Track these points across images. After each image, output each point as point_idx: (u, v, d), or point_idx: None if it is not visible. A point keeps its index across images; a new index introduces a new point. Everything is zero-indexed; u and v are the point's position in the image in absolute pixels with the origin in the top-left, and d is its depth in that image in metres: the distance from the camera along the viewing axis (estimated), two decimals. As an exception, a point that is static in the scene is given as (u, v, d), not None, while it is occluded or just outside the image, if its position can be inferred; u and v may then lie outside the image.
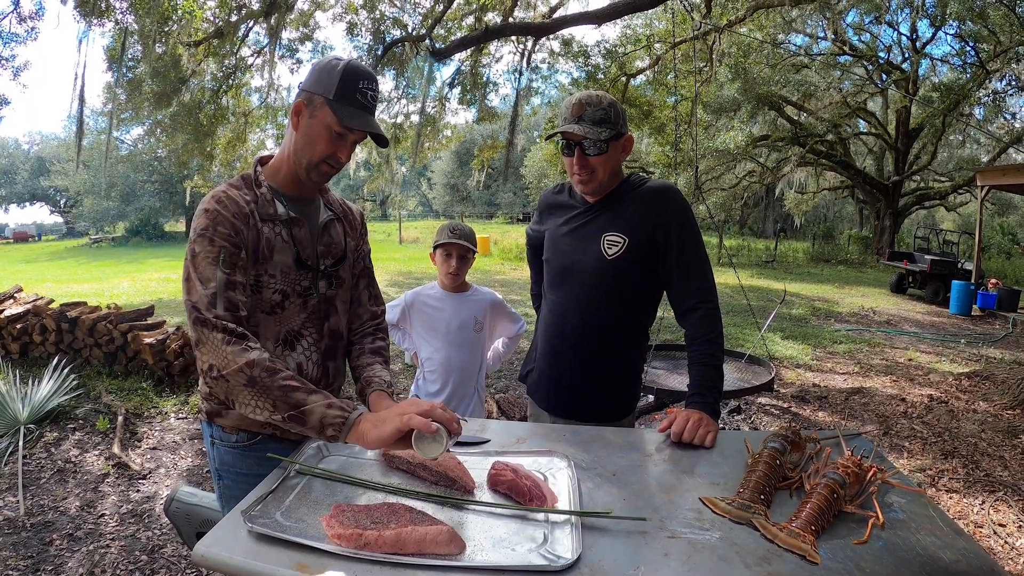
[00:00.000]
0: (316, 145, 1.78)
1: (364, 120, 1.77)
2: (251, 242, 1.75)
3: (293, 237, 1.84)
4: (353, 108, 1.75)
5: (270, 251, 1.79)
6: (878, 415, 6.03)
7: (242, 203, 1.75)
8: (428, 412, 1.49)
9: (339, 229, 2.01)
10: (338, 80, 1.73)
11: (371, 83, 1.79)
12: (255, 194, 1.81)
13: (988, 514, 4.08)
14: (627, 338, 2.36)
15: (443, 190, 64.31)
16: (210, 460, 1.95)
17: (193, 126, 12.63)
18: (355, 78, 1.75)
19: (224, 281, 1.66)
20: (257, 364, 1.55)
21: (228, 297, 1.65)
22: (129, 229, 42.62)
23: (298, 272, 1.85)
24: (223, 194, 1.75)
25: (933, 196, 25.93)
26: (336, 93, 1.73)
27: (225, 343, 1.58)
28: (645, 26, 16.82)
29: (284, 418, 1.55)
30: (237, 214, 1.72)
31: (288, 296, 1.84)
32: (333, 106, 1.73)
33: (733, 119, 22.67)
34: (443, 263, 3.15)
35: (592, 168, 2.19)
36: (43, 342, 6.72)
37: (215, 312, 1.62)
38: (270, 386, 1.54)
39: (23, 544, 3.52)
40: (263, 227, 1.78)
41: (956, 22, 18.75)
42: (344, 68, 1.74)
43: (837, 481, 1.45)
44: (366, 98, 1.78)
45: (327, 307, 1.95)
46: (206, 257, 1.66)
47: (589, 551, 1.26)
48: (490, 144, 17.18)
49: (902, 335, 10.48)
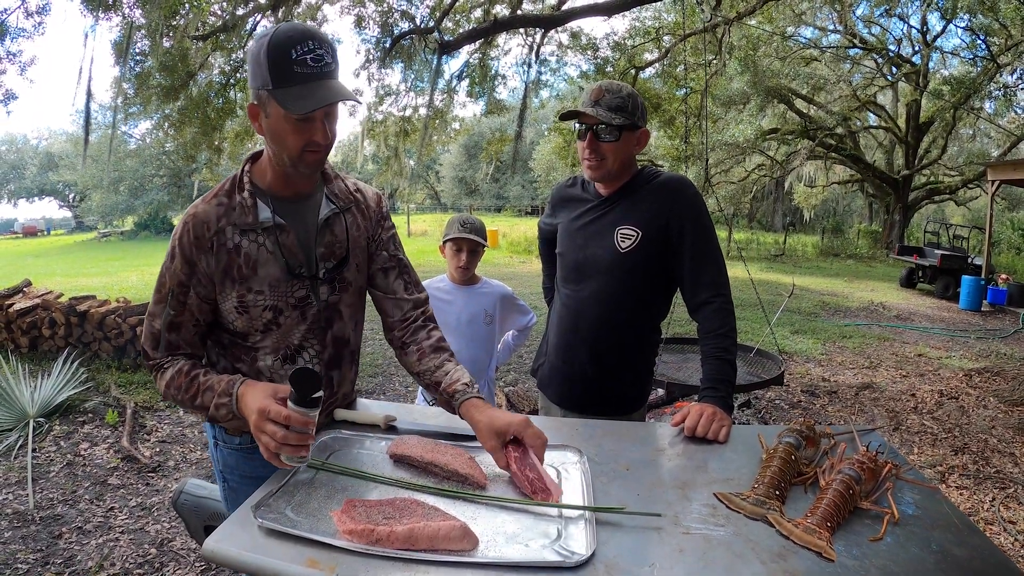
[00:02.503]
0: (286, 140, 1.58)
1: (316, 95, 1.50)
2: (221, 265, 1.64)
3: (280, 245, 1.68)
4: (297, 86, 1.50)
5: (252, 267, 1.66)
6: (888, 410, 6.00)
7: (212, 221, 1.64)
8: (268, 444, 1.45)
9: (343, 224, 1.81)
10: (267, 63, 1.49)
11: (305, 44, 1.49)
12: (233, 202, 1.67)
13: (999, 511, 4.06)
14: (639, 332, 2.35)
15: (451, 183, 64.25)
16: (214, 462, 1.91)
17: (201, 120, 12.64)
18: (285, 51, 1.48)
19: (168, 323, 1.68)
20: (170, 384, 1.66)
21: (169, 340, 1.69)
22: (138, 223, 42.76)
23: (290, 283, 1.71)
24: (191, 214, 1.65)
25: (943, 190, 25.80)
26: (273, 79, 1.50)
27: (156, 378, 1.70)
28: (654, 18, 16.76)
29: (208, 418, 1.70)
30: (199, 239, 1.63)
31: (281, 311, 1.71)
32: (276, 95, 1.50)
33: (742, 112, 22.57)
34: (453, 257, 3.13)
35: (603, 154, 2.18)
36: (52, 336, 6.75)
37: (155, 354, 1.70)
38: (183, 400, 1.66)
39: (33, 537, 3.53)
40: (242, 240, 1.65)
41: (967, 15, 18.57)
42: (268, 46, 1.49)
43: (852, 477, 1.43)
44: (306, 66, 1.49)
45: (330, 314, 1.81)
46: (159, 291, 1.68)
47: (603, 547, 1.25)
48: (499, 137, 17.19)
49: (912, 330, 10.44)
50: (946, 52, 22.97)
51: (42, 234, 52.92)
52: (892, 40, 23.43)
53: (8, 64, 10.77)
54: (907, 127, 24.30)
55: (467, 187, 63.32)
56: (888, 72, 24.05)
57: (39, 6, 10.42)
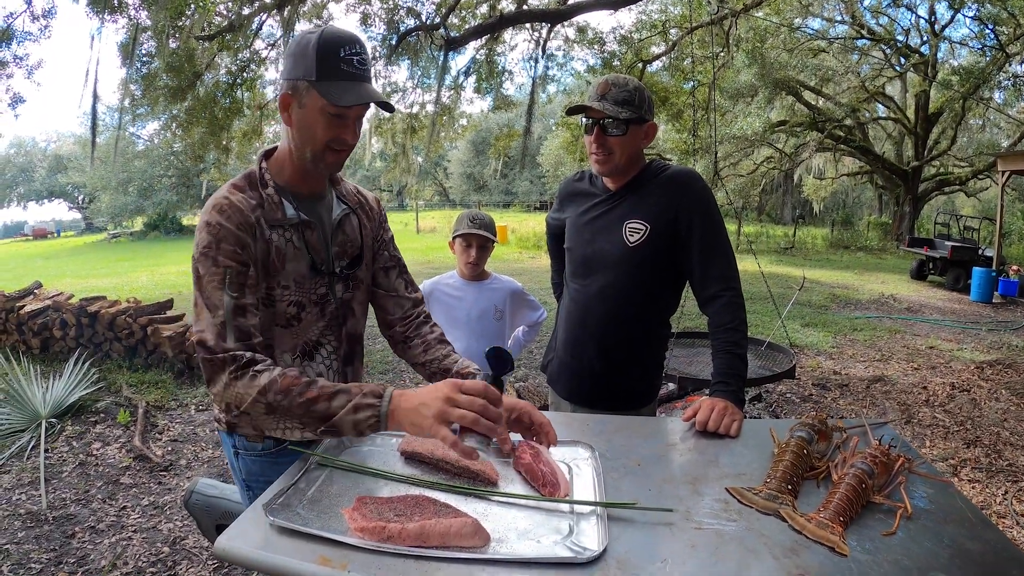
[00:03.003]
0: (315, 133, 1.61)
1: (358, 91, 1.57)
2: (260, 255, 1.63)
3: (306, 242, 1.71)
4: (342, 82, 1.56)
5: (282, 261, 1.67)
6: (899, 403, 5.98)
7: (247, 211, 1.62)
8: (463, 416, 1.38)
9: (354, 223, 1.87)
10: (315, 57, 1.54)
11: (353, 47, 1.57)
12: (261, 197, 1.67)
13: (1011, 504, 4.04)
14: (648, 326, 2.35)
15: (460, 179, 64.36)
16: (234, 472, 1.87)
17: (208, 120, 12.68)
18: (334, 48, 1.54)
19: (232, 307, 1.54)
20: (269, 389, 1.45)
21: (238, 325, 1.53)
22: (147, 224, 42.85)
23: (313, 279, 1.74)
24: (225, 202, 1.60)
25: (953, 181, 25.64)
26: (318, 72, 1.54)
27: (235, 378, 1.48)
28: (661, 11, 16.72)
29: (317, 432, 1.47)
30: (242, 224, 1.59)
31: (304, 307, 1.73)
32: (319, 87, 1.54)
33: (750, 104, 22.51)
34: (463, 253, 3.14)
35: (610, 148, 2.18)
36: (63, 337, 6.78)
37: (224, 346, 1.50)
38: (290, 407, 1.45)
39: (46, 537, 3.55)
40: (272, 235, 1.66)
41: (975, 4, 18.49)
42: (318, 42, 1.54)
43: (865, 471, 1.42)
44: (352, 65, 1.57)
45: (345, 311, 1.85)
46: (211, 280, 1.54)
47: (615, 543, 1.25)
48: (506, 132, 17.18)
49: (923, 322, 10.39)
50: (955, 42, 22.81)
51: (52, 236, 53.23)
52: (900, 30, 23.33)
53: (15, 67, 10.84)
54: (916, 118, 24.17)
55: (475, 183, 63.40)
56: (896, 63, 23.94)
57: (45, 9, 10.47)
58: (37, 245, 42.02)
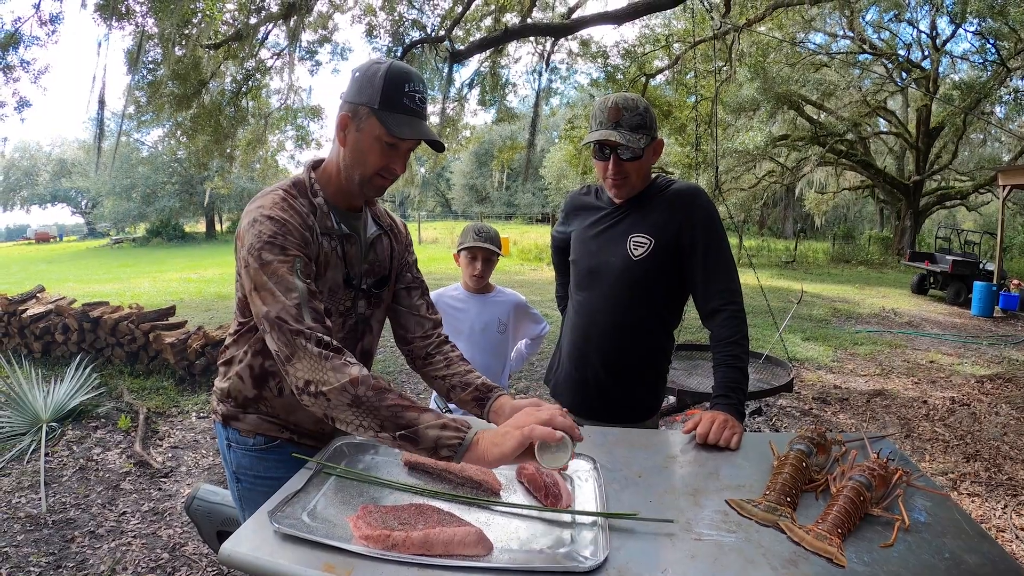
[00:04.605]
0: (368, 158, 1.68)
1: (415, 127, 1.65)
2: (313, 255, 1.66)
3: (346, 254, 1.77)
4: (401, 115, 1.63)
5: (325, 267, 1.72)
6: (899, 417, 5.98)
7: (305, 214, 1.67)
8: (549, 421, 1.40)
9: (385, 244, 1.93)
10: (381, 87, 1.61)
11: (417, 85, 1.66)
12: (312, 204, 1.71)
13: (1010, 518, 4.04)
14: (652, 339, 2.36)
15: (462, 191, 64.40)
16: (225, 463, 1.92)
17: (213, 128, 12.69)
18: (400, 82, 1.62)
19: (306, 291, 1.53)
20: (362, 382, 1.43)
21: (314, 307, 1.53)
22: (150, 230, 42.83)
23: (344, 291, 1.79)
24: (284, 202, 1.64)
25: (954, 196, 25.64)
26: (381, 102, 1.61)
27: (322, 358, 1.45)
28: (664, 26, 16.78)
29: (393, 437, 1.42)
30: (303, 224, 1.64)
31: (330, 315, 1.75)
32: (380, 116, 1.61)
33: (752, 119, 22.55)
34: (468, 265, 3.15)
35: (626, 173, 2.21)
36: (65, 341, 6.80)
37: (305, 323, 1.49)
38: (377, 406, 1.42)
39: (45, 541, 3.56)
40: (323, 240, 1.70)
41: (976, 19, 18.52)
42: (386, 73, 1.62)
43: (863, 484, 1.44)
44: (414, 102, 1.65)
45: (363, 327, 1.90)
46: (281, 266, 1.54)
47: (616, 553, 1.26)
48: (509, 145, 17.22)
49: (923, 336, 10.39)
50: (956, 57, 22.87)
51: (55, 240, 53.19)
52: (902, 45, 23.37)
53: (22, 72, 10.85)
54: (917, 132, 24.19)
55: (478, 195, 63.47)
56: (898, 77, 23.96)
57: (52, 14, 10.50)
58: (40, 249, 42.01)
